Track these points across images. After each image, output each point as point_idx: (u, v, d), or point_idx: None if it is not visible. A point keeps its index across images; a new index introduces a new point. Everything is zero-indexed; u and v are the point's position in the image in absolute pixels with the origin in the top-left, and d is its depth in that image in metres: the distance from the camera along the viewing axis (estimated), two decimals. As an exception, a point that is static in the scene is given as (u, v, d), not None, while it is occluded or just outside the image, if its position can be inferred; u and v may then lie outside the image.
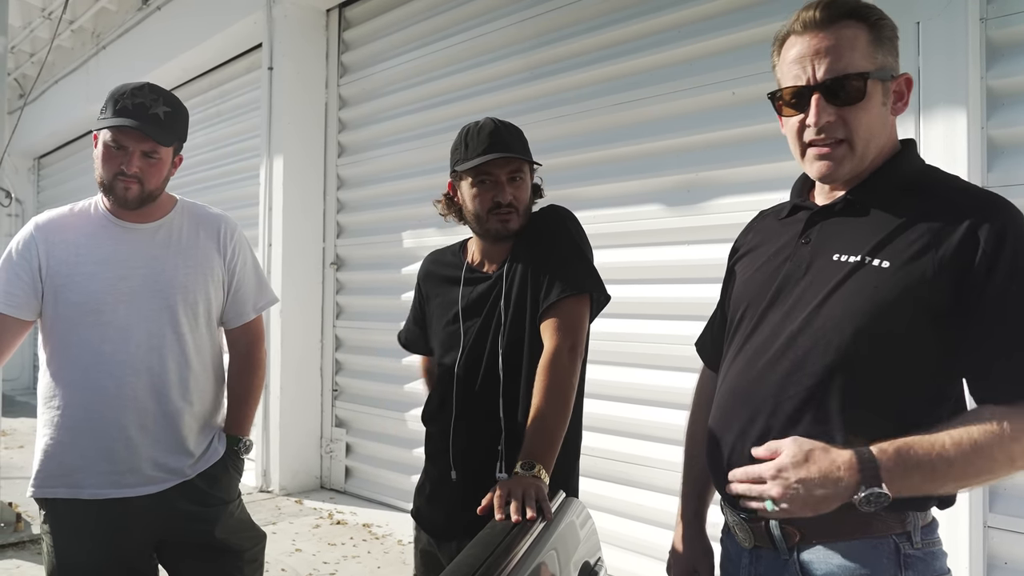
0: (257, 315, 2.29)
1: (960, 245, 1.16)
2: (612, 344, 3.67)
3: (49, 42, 7.84)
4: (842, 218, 1.29)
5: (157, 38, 7.21)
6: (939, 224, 1.18)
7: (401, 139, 5.30)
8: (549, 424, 1.67)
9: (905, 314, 1.18)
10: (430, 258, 2.15)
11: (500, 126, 1.90)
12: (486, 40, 4.64)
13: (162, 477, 2.05)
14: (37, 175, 11.62)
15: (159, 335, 2.04)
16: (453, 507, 1.86)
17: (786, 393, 1.24)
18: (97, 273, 2.01)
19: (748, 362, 1.32)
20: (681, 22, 3.67)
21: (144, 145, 1.99)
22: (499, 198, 1.87)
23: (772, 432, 1.24)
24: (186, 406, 2.08)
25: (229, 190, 6.83)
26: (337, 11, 5.80)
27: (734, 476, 1.23)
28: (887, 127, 1.29)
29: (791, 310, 1.28)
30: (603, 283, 1.90)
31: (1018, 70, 2.66)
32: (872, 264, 1.21)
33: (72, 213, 2.10)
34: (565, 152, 4.10)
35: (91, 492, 1.99)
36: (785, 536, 1.24)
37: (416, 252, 5.08)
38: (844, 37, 1.23)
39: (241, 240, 2.24)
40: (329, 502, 5.38)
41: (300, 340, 5.70)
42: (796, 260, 1.31)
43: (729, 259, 1.57)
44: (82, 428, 1.99)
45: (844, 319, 1.21)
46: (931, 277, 1.17)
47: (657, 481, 3.63)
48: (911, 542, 1.20)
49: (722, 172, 3.47)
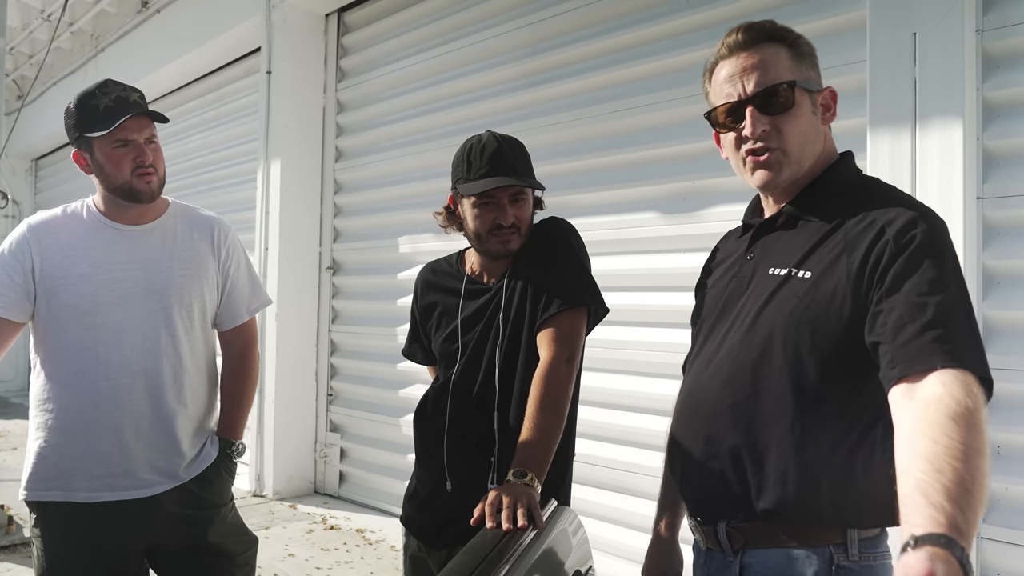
0: (251, 317, 2.29)
1: (870, 245, 1.19)
2: (607, 351, 3.67)
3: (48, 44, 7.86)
4: (781, 232, 1.37)
5: (156, 41, 7.21)
6: (856, 230, 1.23)
7: (398, 144, 5.31)
8: (543, 434, 1.67)
9: (827, 321, 1.22)
10: (427, 268, 2.14)
11: (502, 145, 1.87)
12: (483, 47, 4.65)
13: (155, 480, 2.04)
14: (35, 176, 11.60)
15: (154, 337, 2.03)
16: (445, 515, 1.85)
17: (726, 403, 1.31)
18: (91, 275, 2.00)
19: (697, 374, 1.40)
20: (677, 31, 3.68)
21: (145, 132, 2.01)
22: (500, 220, 1.86)
23: (716, 439, 1.31)
24: (181, 408, 2.07)
25: (226, 193, 6.82)
26: (336, 16, 5.81)
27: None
28: (820, 136, 1.35)
29: (732, 323, 1.35)
30: (602, 296, 1.90)
31: (1014, 81, 2.67)
32: (797, 276, 1.27)
33: (65, 215, 2.09)
34: (561, 159, 4.10)
35: (84, 495, 1.98)
36: (730, 540, 1.31)
37: (412, 257, 5.08)
38: (767, 54, 1.32)
39: (235, 242, 2.24)
40: (323, 507, 5.37)
41: (295, 344, 5.69)
42: (740, 276, 1.40)
43: (699, 280, 1.63)
44: (75, 431, 1.98)
45: (774, 330, 1.27)
46: (847, 281, 1.20)
47: (651, 489, 3.60)
48: (847, 554, 1.23)
49: (718, 180, 3.48)
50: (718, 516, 1.33)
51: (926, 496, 0.92)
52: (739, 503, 1.29)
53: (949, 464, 0.95)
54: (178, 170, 7.40)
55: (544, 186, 1.95)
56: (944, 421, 1.00)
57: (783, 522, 1.24)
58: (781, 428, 1.24)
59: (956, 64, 2.65)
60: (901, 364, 1.10)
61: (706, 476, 1.33)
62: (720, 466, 1.30)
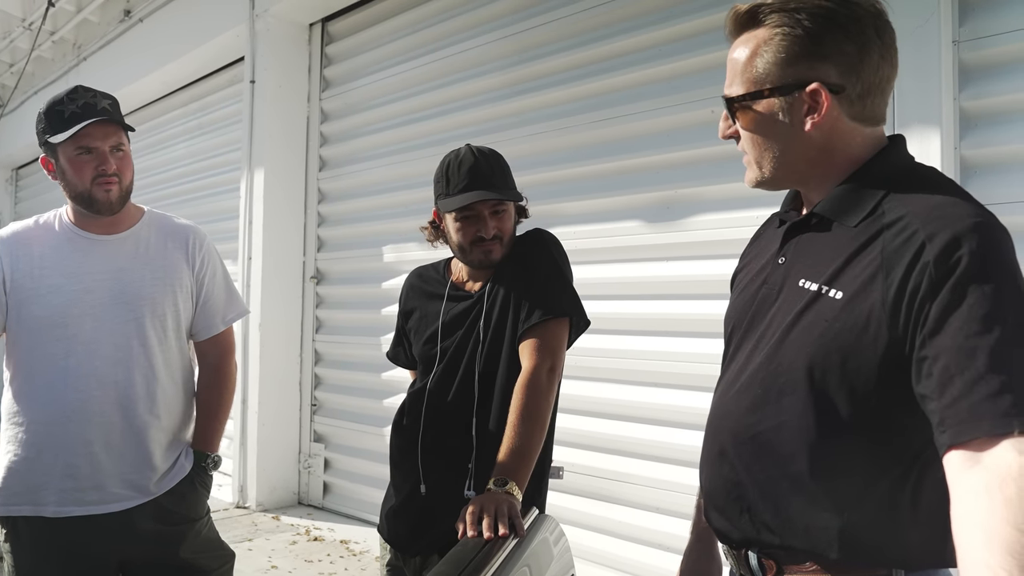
0: (227, 327, 2.25)
1: (908, 267, 1.03)
2: (590, 359, 3.68)
3: (29, 52, 7.80)
4: (815, 233, 1.22)
5: (139, 50, 7.17)
6: (895, 244, 1.06)
7: (382, 153, 5.30)
8: (524, 443, 1.67)
9: (859, 351, 1.07)
10: (415, 273, 2.17)
11: (479, 159, 1.90)
12: (467, 56, 4.66)
13: (127, 495, 2.00)
14: (15, 186, 11.49)
15: (125, 348, 2.00)
16: (418, 521, 1.85)
17: (750, 431, 1.20)
18: (62, 286, 1.97)
19: (723, 392, 1.30)
20: (660, 41, 3.70)
21: (110, 140, 1.97)
22: (482, 232, 1.89)
23: (735, 469, 1.23)
24: (153, 420, 2.03)
25: (209, 203, 6.79)
26: (320, 25, 5.81)
27: None
28: (802, 140, 1.18)
29: (760, 338, 1.23)
30: (583, 309, 1.92)
31: (990, 91, 2.71)
32: (827, 295, 1.12)
33: (37, 226, 2.06)
34: (545, 168, 4.11)
35: (53, 510, 1.94)
36: (762, 567, 1.22)
37: (397, 266, 5.07)
38: (737, 51, 1.21)
39: (210, 251, 2.21)
40: (307, 518, 5.33)
41: (279, 354, 5.66)
42: (771, 283, 1.27)
43: (735, 269, 1.51)
44: (45, 444, 1.95)
45: (799, 356, 1.13)
46: (881, 308, 1.05)
47: (635, 497, 3.62)
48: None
49: (701, 189, 3.50)
50: (747, 545, 1.23)
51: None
52: (765, 539, 1.20)
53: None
54: (161, 179, 7.35)
55: (523, 196, 1.96)
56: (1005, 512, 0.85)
57: (820, 553, 1.12)
58: (804, 464, 1.13)
59: (933, 75, 2.69)
60: (951, 430, 0.94)
61: (730, 508, 1.24)
62: (742, 497, 1.22)
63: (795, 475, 1.14)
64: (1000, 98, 2.69)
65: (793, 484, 1.14)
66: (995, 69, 2.71)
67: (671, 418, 3.50)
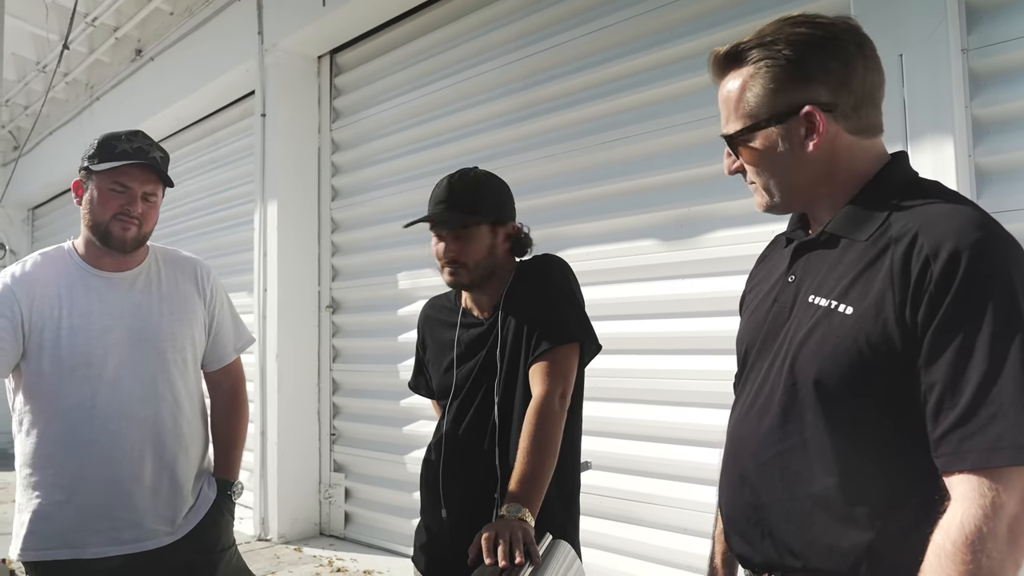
0: (237, 356, 2.29)
1: (916, 282, 1.04)
2: (608, 380, 3.65)
3: (43, 94, 7.93)
4: (824, 250, 1.22)
5: (150, 88, 7.28)
6: (901, 259, 1.07)
7: (394, 181, 5.33)
8: (535, 469, 1.67)
9: (870, 367, 1.07)
10: (429, 303, 2.19)
11: (451, 182, 1.98)
12: (474, 83, 4.69)
13: (163, 531, 2.01)
14: (32, 226, 11.64)
15: (151, 384, 2.01)
16: (447, 549, 1.84)
17: (768, 454, 1.20)
18: (82, 326, 1.97)
19: (741, 416, 1.29)
20: (666, 61, 3.72)
21: (147, 187, 2.00)
22: (441, 254, 1.95)
23: (756, 493, 1.22)
24: (182, 453, 2.06)
25: (223, 236, 6.84)
26: (328, 57, 5.87)
27: None
28: (806, 163, 1.19)
29: (775, 357, 1.23)
30: (595, 333, 1.92)
31: (1001, 98, 2.70)
32: (838, 310, 1.12)
33: (45, 262, 2.04)
34: (556, 191, 4.12)
35: (94, 551, 1.93)
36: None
37: (412, 293, 5.08)
38: (725, 91, 1.27)
39: (216, 282, 2.25)
40: (329, 549, 5.30)
41: (297, 384, 5.66)
42: (782, 301, 1.27)
43: (743, 291, 1.51)
44: (77, 487, 1.94)
45: (809, 372, 1.13)
46: (895, 323, 1.06)
47: (658, 518, 3.58)
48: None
49: (713, 206, 3.49)
50: (769, 570, 1.22)
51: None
52: (788, 563, 1.18)
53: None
54: (176, 214, 7.42)
55: (478, 221, 1.94)
56: (944, 562, 0.96)
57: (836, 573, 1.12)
58: (827, 482, 1.12)
59: (943, 83, 2.68)
60: (940, 460, 1.01)
61: (751, 532, 1.23)
62: (764, 521, 1.21)
63: (819, 494, 1.13)
64: (1012, 104, 2.68)
65: (817, 503, 1.13)
66: (1005, 76, 2.70)
67: (692, 437, 3.47)
